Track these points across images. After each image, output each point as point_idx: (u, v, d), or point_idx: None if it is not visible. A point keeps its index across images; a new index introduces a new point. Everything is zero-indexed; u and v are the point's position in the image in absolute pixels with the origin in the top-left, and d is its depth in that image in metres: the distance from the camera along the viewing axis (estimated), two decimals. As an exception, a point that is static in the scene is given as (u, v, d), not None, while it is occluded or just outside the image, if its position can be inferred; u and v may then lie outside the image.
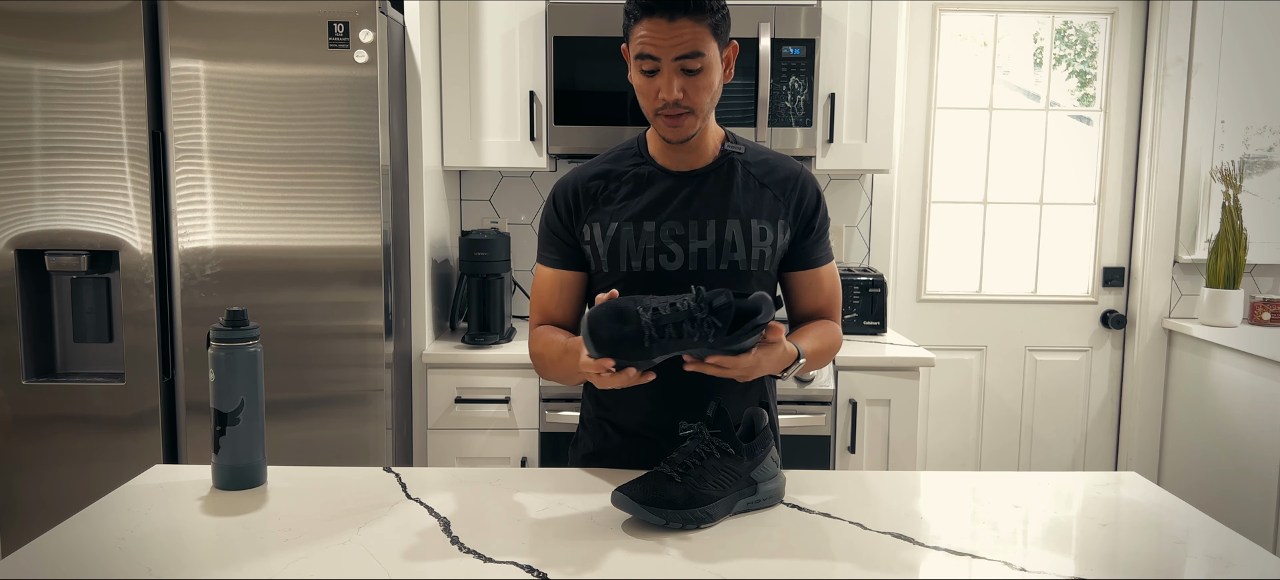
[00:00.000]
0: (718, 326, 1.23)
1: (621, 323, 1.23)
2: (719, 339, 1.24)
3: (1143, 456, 3.21)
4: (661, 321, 1.23)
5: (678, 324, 1.23)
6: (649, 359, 1.24)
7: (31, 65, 2.18)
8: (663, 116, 1.41)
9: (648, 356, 1.23)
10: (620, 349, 1.23)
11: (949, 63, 3.16)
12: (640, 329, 1.22)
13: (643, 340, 1.22)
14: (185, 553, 1.14)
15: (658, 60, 1.37)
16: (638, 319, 1.23)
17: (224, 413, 1.34)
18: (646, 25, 1.36)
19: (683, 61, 1.36)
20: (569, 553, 1.15)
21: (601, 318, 1.23)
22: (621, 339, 1.22)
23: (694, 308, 1.23)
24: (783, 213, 1.50)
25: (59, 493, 2.28)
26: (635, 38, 1.38)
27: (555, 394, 2.45)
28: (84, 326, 2.30)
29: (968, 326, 3.24)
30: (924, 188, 3.19)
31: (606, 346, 1.23)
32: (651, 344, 1.22)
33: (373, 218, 2.26)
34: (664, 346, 1.23)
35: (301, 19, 2.19)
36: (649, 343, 1.22)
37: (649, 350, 1.23)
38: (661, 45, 1.35)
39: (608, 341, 1.22)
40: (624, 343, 1.22)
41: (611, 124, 2.59)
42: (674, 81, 1.37)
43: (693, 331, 1.23)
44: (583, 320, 1.27)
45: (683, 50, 1.35)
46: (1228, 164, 3.08)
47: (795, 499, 1.35)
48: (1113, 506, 1.35)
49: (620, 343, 1.22)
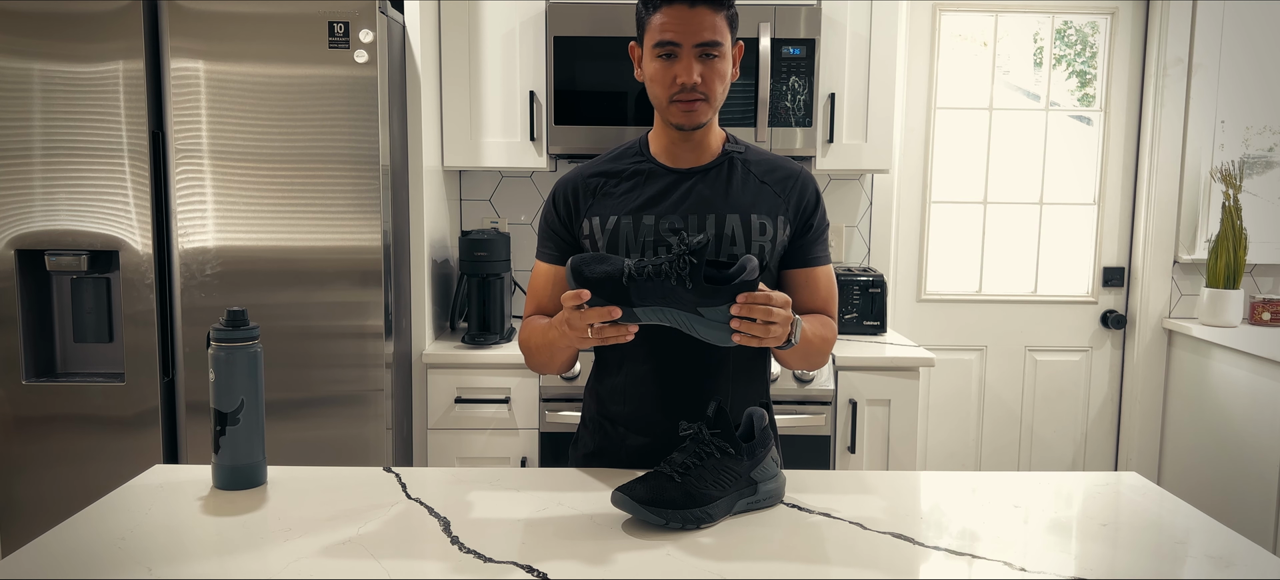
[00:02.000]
0: (693, 263, 1.24)
1: (602, 262, 1.27)
2: (697, 284, 1.25)
3: (1143, 456, 3.21)
4: (642, 264, 1.26)
5: (657, 267, 1.25)
6: (629, 304, 1.25)
7: (31, 65, 2.18)
8: (678, 102, 1.43)
9: (627, 299, 1.25)
10: (600, 285, 1.25)
11: (949, 63, 3.16)
12: (620, 268, 1.26)
13: (621, 277, 1.25)
14: (185, 553, 1.14)
15: (678, 45, 1.40)
16: (620, 262, 1.27)
17: (224, 413, 1.34)
18: (668, 12, 1.40)
19: (702, 48, 1.40)
20: (569, 553, 1.15)
21: (585, 257, 1.28)
22: (602, 277, 1.25)
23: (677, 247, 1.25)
24: (782, 209, 1.51)
25: (59, 493, 2.28)
26: (653, 26, 1.42)
27: (555, 394, 2.45)
28: (84, 326, 2.30)
29: (968, 326, 3.24)
30: (924, 188, 3.19)
31: (587, 282, 1.26)
32: (630, 283, 1.25)
33: (373, 218, 2.26)
34: (643, 291, 1.25)
35: (301, 19, 2.19)
36: (627, 281, 1.25)
37: (627, 290, 1.25)
38: (682, 31, 1.39)
39: (589, 278, 1.25)
40: (605, 282, 1.25)
41: (611, 124, 2.59)
42: (693, 66, 1.41)
43: (670, 272, 1.24)
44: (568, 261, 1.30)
45: (703, 37, 1.40)
46: (1228, 164, 3.08)
47: (795, 499, 1.35)
48: (1113, 506, 1.35)
49: (601, 281, 1.25)
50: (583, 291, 1.26)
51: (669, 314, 1.27)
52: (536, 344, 1.49)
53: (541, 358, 1.50)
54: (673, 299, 1.25)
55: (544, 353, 1.48)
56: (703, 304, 1.26)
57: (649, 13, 1.43)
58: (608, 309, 1.26)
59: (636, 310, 1.26)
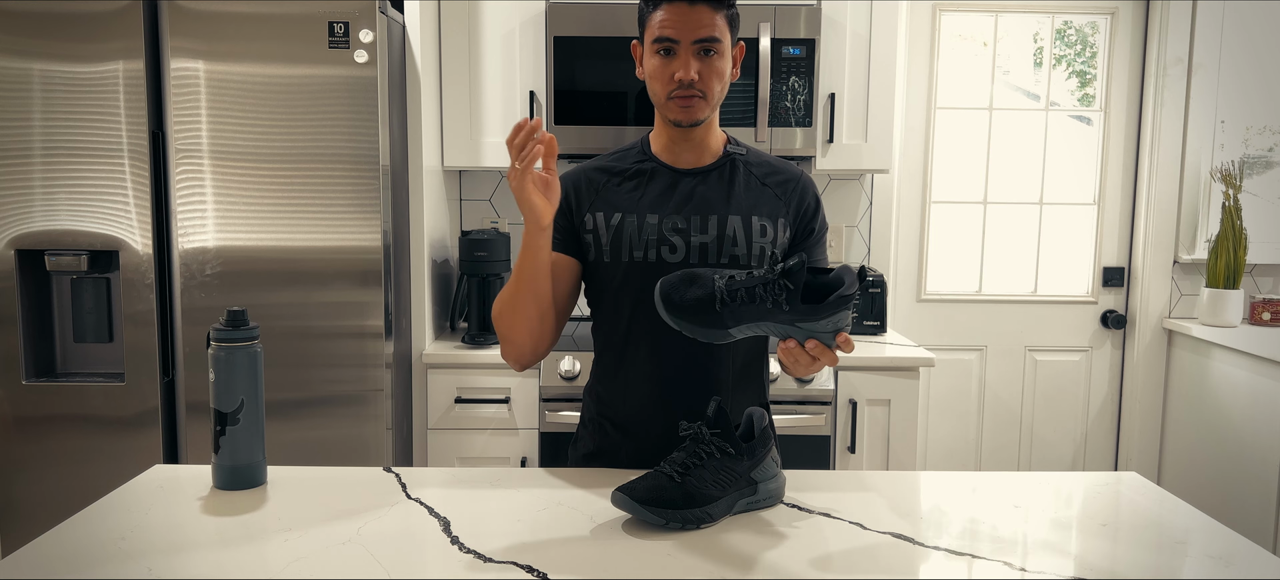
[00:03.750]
0: (789, 289, 1.20)
1: (693, 285, 1.23)
2: (794, 306, 1.21)
3: (1143, 456, 3.21)
4: (734, 286, 1.22)
5: (751, 290, 1.21)
6: (723, 328, 1.22)
7: (31, 65, 2.18)
8: (676, 99, 1.43)
9: (721, 323, 1.22)
10: (692, 312, 1.22)
11: (949, 63, 3.16)
12: (712, 292, 1.22)
13: (714, 303, 1.22)
14: (185, 553, 1.14)
15: (676, 42, 1.41)
16: (711, 283, 1.23)
17: (224, 413, 1.34)
18: (668, 9, 1.41)
19: (701, 45, 1.41)
20: (569, 553, 1.15)
21: (674, 282, 1.24)
22: (691, 301, 1.22)
23: (767, 273, 1.21)
24: (783, 211, 1.51)
25: (59, 493, 2.28)
26: (653, 22, 1.43)
27: (555, 394, 2.45)
28: (84, 326, 2.30)
29: (968, 326, 3.24)
30: (924, 188, 3.19)
31: (678, 309, 1.22)
32: (723, 307, 1.22)
33: (373, 218, 2.26)
34: (737, 312, 1.22)
35: (301, 19, 2.19)
36: (721, 306, 1.22)
37: (721, 315, 1.22)
38: (681, 28, 1.40)
39: (679, 305, 1.23)
40: (695, 306, 1.22)
41: (612, 124, 2.59)
42: (691, 63, 1.41)
43: (766, 296, 1.21)
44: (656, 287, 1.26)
45: (702, 34, 1.40)
46: (1228, 164, 3.08)
47: (795, 499, 1.35)
48: (1113, 506, 1.35)
49: (690, 305, 1.22)
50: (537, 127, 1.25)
51: (765, 327, 1.24)
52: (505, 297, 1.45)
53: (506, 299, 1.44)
54: (768, 316, 1.22)
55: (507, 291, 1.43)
56: (802, 320, 1.22)
57: (650, 10, 1.44)
58: (529, 130, 1.25)
59: (731, 329, 1.23)
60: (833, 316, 1.21)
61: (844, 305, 1.21)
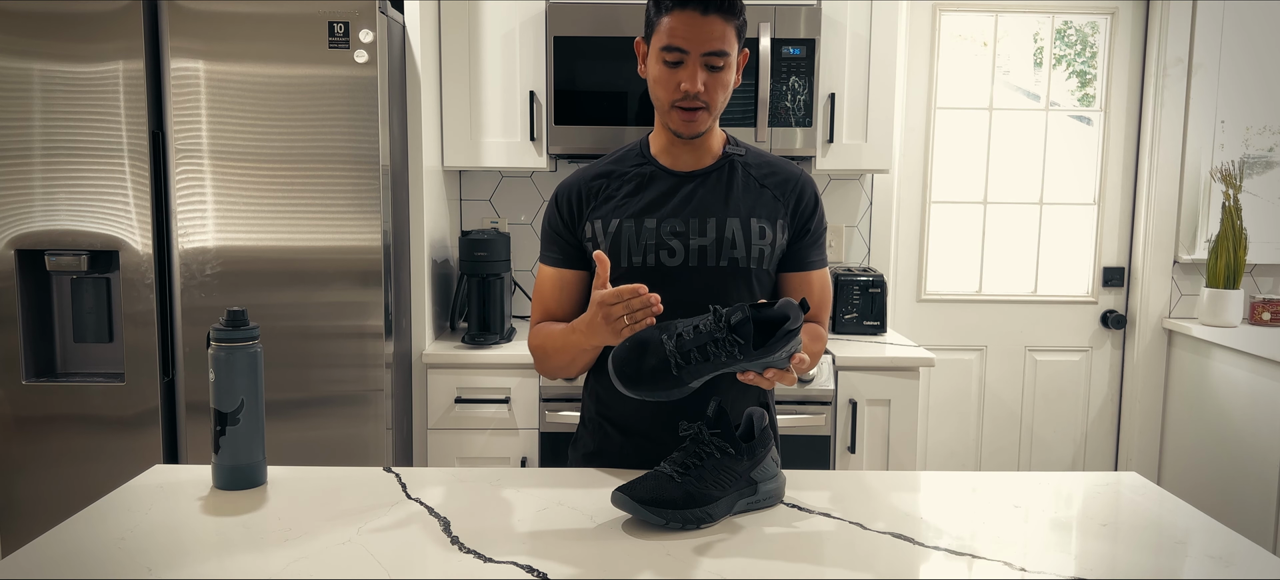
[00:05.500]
0: (740, 343, 1.23)
1: (645, 355, 1.25)
2: (748, 354, 1.24)
3: (1143, 456, 3.21)
4: (686, 347, 1.24)
5: (702, 347, 1.24)
6: (683, 385, 1.25)
7: (31, 65, 2.18)
8: (679, 110, 1.43)
9: (680, 383, 1.25)
10: (649, 381, 1.24)
11: (949, 63, 3.16)
12: (665, 359, 1.24)
13: (670, 368, 1.24)
14: (185, 553, 1.14)
15: (685, 53, 1.39)
16: (661, 349, 1.25)
17: (224, 413, 1.34)
18: (678, 17, 1.38)
19: (709, 58, 1.39)
20: (569, 553, 1.15)
21: (624, 355, 1.26)
22: (647, 371, 1.24)
23: (713, 328, 1.24)
24: (782, 213, 1.51)
25: (59, 493, 2.28)
26: (662, 28, 1.41)
27: (555, 394, 2.45)
28: (84, 326, 2.30)
29: (968, 326, 3.24)
30: (924, 188, 3.19)
31: (635, 382, 1.24)
32: (680, 370, 1.24)
33: (373, 218, 2.26)
34: (695, 371, 1.24)
35: (301, 19, 2.19)
36: (677, 370, 1.24)
37: (679, 377, 1.24)
38: (692, 38, 1.38)
39: (634, 377, 1.25)
40: (651, 375, 1.24)
41: (612, 124, 2.59)
42: (698, 74, 1.40)
43: (718, 352, 1.23)
44: (608, 364, 1.28)
45: (712, 46, 1.39)
46: (1228, 164, 3.08)
47: (795, 499, 1.35)
48: (1113, 506, 1.35)
49: (646, 375, 1.24)
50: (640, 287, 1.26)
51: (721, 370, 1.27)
52: (554, 346, 1.48)
53: (562, 360, 1.48)
54: (723, 365, 1.25)
55: (565, 355, 1.46)
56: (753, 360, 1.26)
57: (659, 14, 1.41)
58: (640, 298, 1.26)
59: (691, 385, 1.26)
60: (785, 348, 1.26)
61: (791, 338, 1.25)
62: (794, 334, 1.25)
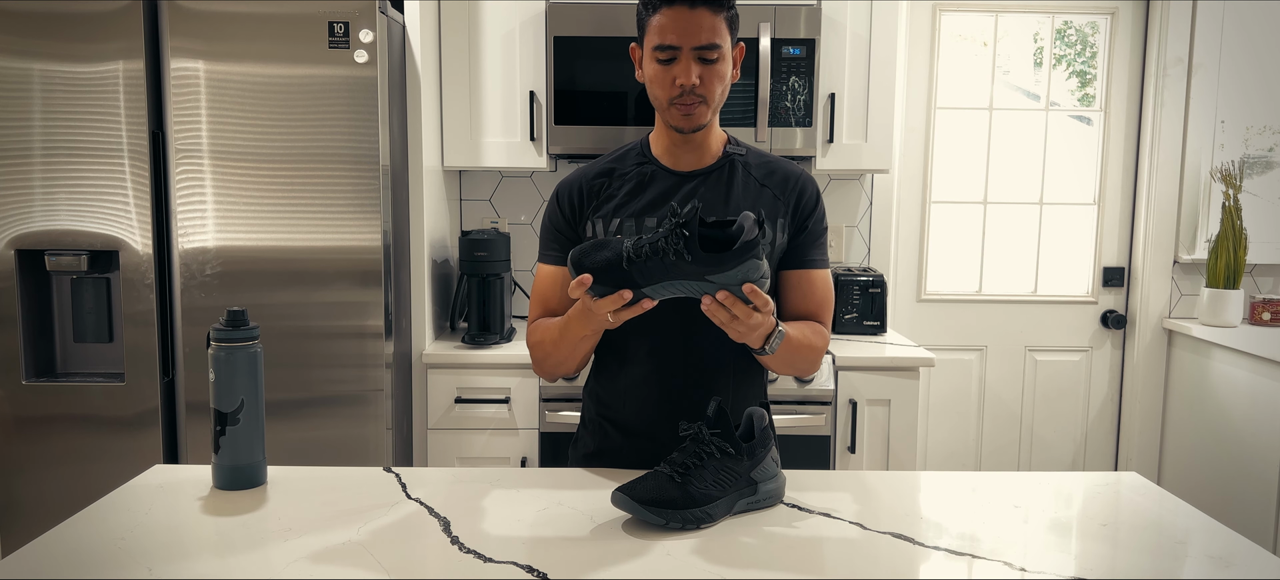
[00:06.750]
0: (686, 236, 1.23)
1: (601, 249, 1.28)
2: (696, 255, 1.23)
3: (1143, 456, 3.21)
4: (639, 243, 1.26)
5: (654, 244, 1.25)
6: (634, 285, 1.26)
7: (31, 65, 2.18)
8: (677, 105, 1.43)
9: (631, 282, 1.26)
10: (603, 273, 1.26)
11: (949, 63, 3.17)
12: (619, 253, 1.26)
13: (621, 262, 1.25)
14: (185, 553, 1.14)
15: (677, 48, 1.40)
16: (618, 245, 1.27)
17: (224, 413, 1.34)
18: (667, 14, 1.40)
19: (701, 51, 1.40)
20: (569, 553, 1.15)
21: (585, 248, 1.29)
22: (600, 262, 1.26)
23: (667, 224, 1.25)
24: (782, 211, 1.51)
25: (59, 493, 2.28)
26: (653, 27, 1.42)
27: (555, 394, 2.45)
28: (84, 326, 2.30)
29: (968, 326, 3.24)
30: (924, 188, 3.19)
31: (588, 271, 1.27)
32: (631, 265, 1.25)
33: (373, 218, 2.26)
34: (645, 270, 1.25)
35: (301, 19, 2.19)
36: (628, 264, 1.25)
37: (629, 273, 1.25)
38: (681, 33, 1.39)
39: (588, 268, 1.26)
40: (604, 268, 1.26)
41: (612, 124, 2.59)
42: (692, 68, 1.40)
43: (667, 248, 1.24)
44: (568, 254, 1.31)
45: (702, 40, 1.39)
46: (1228, 164, 3.08)
47: (795, 499, 1.35)
48: (1113, 506, 1.35)
49: (599, 268, 1.26)
50: (585, 277, 1.26)
51: (679, 286, 1.26)
52: (552, 339, 1.47)
53: (561, 354, 1.47)
54: (677, 272, 1.25)
55: (563, 348, 1.46)
56: (709, 272, 1.24)
57: (649, 14, 1.43)
58: (619, 295, 1.26)
59: (645, 290, 1.26)
60: (740, 266, 1.24)
61: (749, 251, 1.24)
62: (751, 247, 1.23)
